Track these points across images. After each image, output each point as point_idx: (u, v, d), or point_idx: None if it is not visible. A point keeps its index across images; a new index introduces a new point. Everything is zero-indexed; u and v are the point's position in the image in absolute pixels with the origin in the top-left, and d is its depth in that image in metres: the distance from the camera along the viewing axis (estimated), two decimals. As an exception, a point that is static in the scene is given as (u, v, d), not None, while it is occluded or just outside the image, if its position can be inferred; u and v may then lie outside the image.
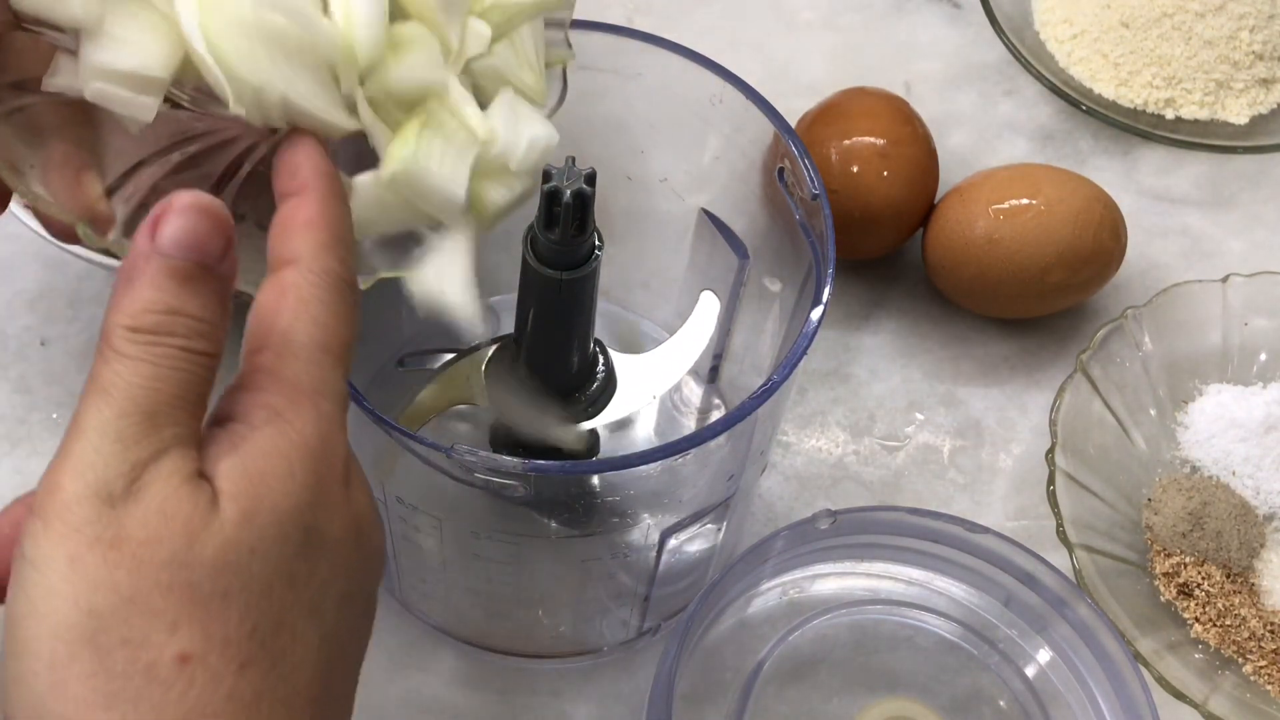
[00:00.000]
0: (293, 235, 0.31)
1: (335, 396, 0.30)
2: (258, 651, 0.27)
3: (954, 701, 0.47)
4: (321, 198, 0.32)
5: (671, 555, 0.45)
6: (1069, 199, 0.57)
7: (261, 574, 0.27)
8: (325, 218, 0.31)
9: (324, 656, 0.29)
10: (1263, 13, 0.66)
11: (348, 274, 0.31)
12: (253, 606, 0.27)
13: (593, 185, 0.37)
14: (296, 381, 0.29)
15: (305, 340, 0.30)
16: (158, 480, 0.27)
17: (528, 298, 0.42)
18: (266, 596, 0.27)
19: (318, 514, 0.29)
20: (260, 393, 0.29)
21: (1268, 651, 0.51)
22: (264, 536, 0.28)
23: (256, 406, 0.29)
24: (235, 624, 0.27)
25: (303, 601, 0.28)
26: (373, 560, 0.31)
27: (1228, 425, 0.56)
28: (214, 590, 0.27)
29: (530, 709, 0.50)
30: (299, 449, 0.29)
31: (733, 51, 0.50)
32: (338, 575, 0.29)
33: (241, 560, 0.27)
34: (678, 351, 0.48)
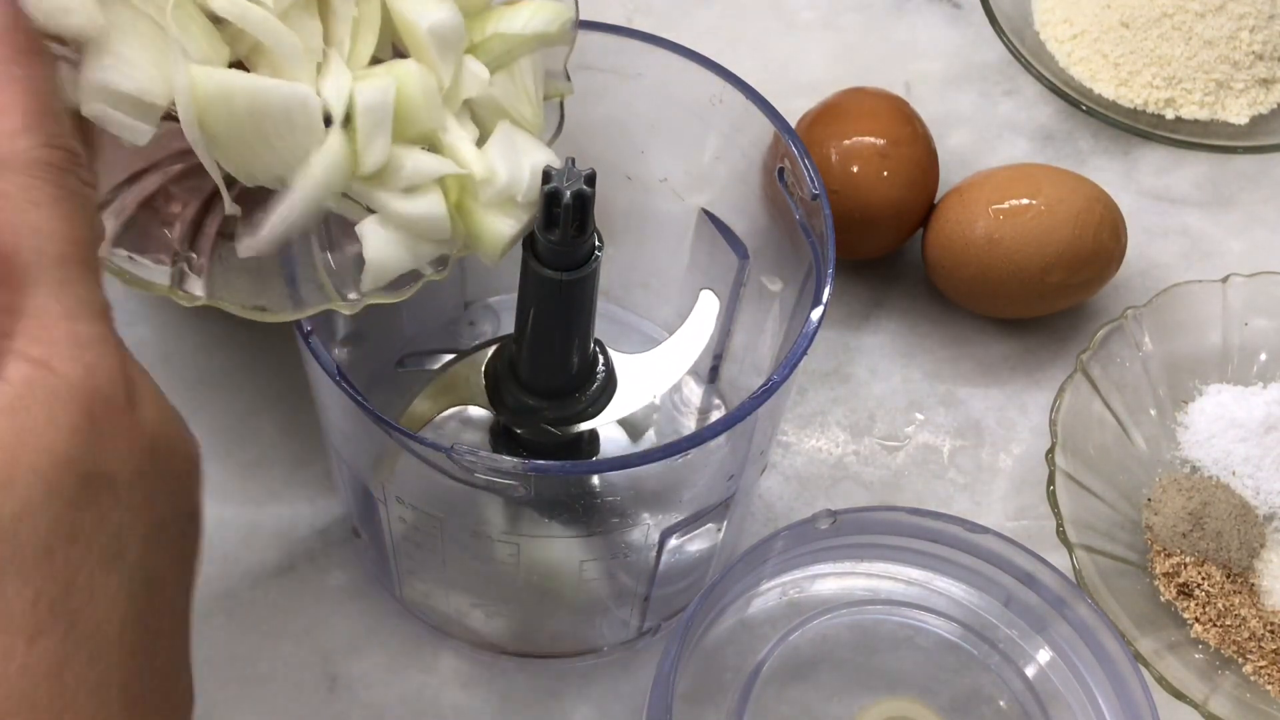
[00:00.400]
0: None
1: (90, 310, 0.27)
2: (47, 618, 0.25)
3: (954, 701, 0.47)
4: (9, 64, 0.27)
5: (671, 555, 0.45)
6: (1069, 199, 0.57)
7: (33, 539, 0.25)
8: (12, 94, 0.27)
9: (135, 601, 0.27)
10: (1263, 13, 0.66)
11: (64, 157, 0.27)
12: (31, 573, 0.25)
13: (593, 186, 0.37)
14: (42, 313, 0.27)
15: (34, 258, 0.27)
16: None
17: (528, 299, 0.42)
18: (46, 561, 0.26)
19: (96, 455, 0.26)
20: (8, 338, 0.26)
21: (1268, 651, 0.51)
22: (29, 500, 0.25)
23: (7, 356, 0.26)
24: (13, 596, 0.25)
25: (94, 554, 0.26)
26: (179, 479, 0.29)
27: (1228, 425, 0.56)
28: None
29: (530, 709, 0.50)
30: (59, 393, 0.26)
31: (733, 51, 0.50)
32: (137, 510, 0.27)
33: (5, 530, 0.25)
34: (677, 351, 0.48)
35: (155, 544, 0.28)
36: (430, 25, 0.35)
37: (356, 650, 0.51)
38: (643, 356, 0.48)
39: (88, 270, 0.27)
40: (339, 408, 0.40)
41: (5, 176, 0.27)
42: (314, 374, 0.40)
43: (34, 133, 0.27)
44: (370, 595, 0.52)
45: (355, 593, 0.52)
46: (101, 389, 0.27)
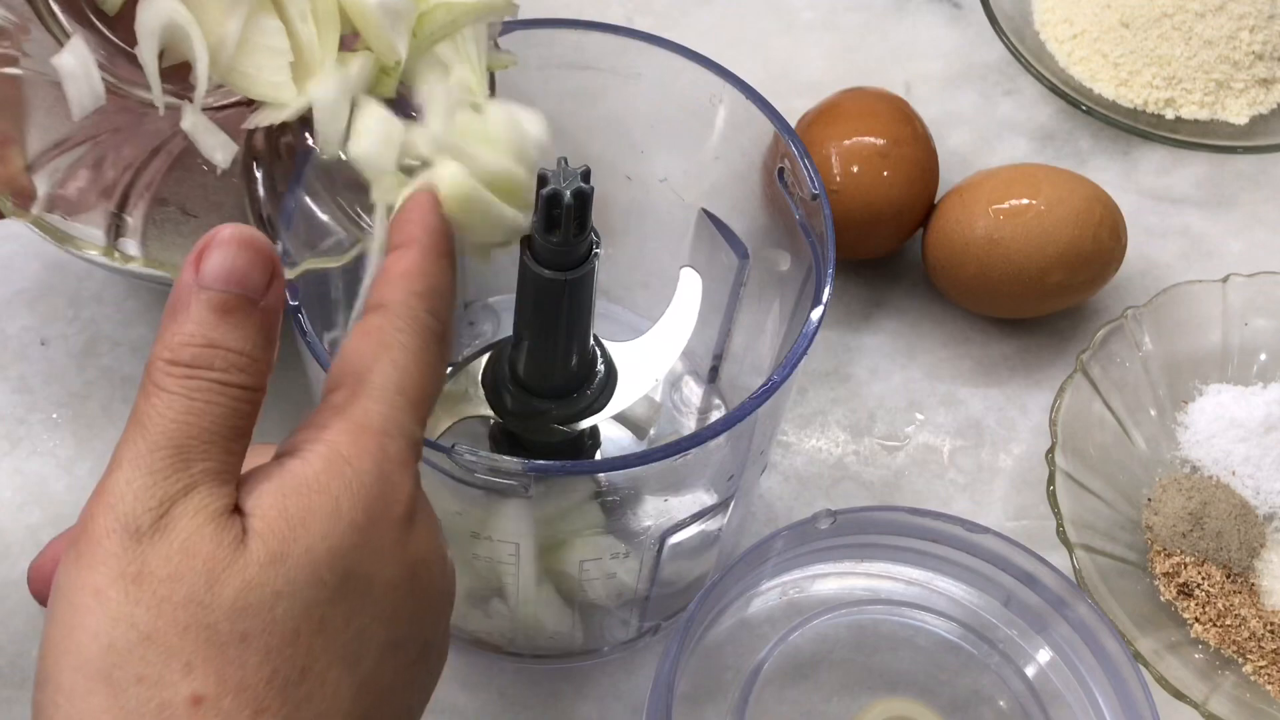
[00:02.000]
0: (387, 283, 0.31)
1: (405, 438, 0.29)
2: (275, 699, 0.26)
3: (954, 701, 0.47)
4: (424, 252, 0.32)
5: (671, 555, 0.45)
6: (1069, 199, 0.57)
7: (286, 618, 0.27)
8: (423, 270, 0.31)
9: (359, 705, 0.28)
10: (1263, 13, 0.66)
11: (438, 326, 0.31)
12: (274, 651, 0.26)
13: (589, 182, 0.37)
14: (364, 420, 0.29)
15: (381, 381, 0.30)
16: (185, 516, 0.27)
17: (527, 301, 0.42)
18: (291, 642, 0.27)
19: (363, 558, 0.28)
20: (323, 430, 0.29)
21: (1268, 651, 0.51)
22: (293, 579, 0.27)
23: (316, 443, 0.29)
24: (253, 669, 0.26)
25: (335, 648, 0.27)
26: (430, 607, 0.30)
27: (1228, 425, 0.56)
28: (232, 632, 0.26)
29: (530, 709, 0.50)
30: (350, 488, 0.28)
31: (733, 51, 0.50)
32: (382, 622, 0.28)
33: (264, 602, 0.26)
34: (669, 332, 0.48)
35: (392, 658, 0.29)
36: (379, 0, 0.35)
37: (356, 650, 0.51)
38: (635, 343, 0.48)
39: (416, 409, 0.30)
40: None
41: (388, 317, 0.30)
42: (314, 374, 0.40)
43: (425, 299, 0.31)
44: (370, 595, 0.52)
45: (355, 593, 0.52)
46: (388, 499, 0.29)
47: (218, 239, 0.29)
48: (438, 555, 0.31)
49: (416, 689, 0.30)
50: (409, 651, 0.29)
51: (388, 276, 0.31)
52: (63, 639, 0.26)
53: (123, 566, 0.26)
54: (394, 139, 0.35)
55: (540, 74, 0.46)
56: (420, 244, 0.32)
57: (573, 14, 0.48)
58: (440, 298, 0.31)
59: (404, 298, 0.31)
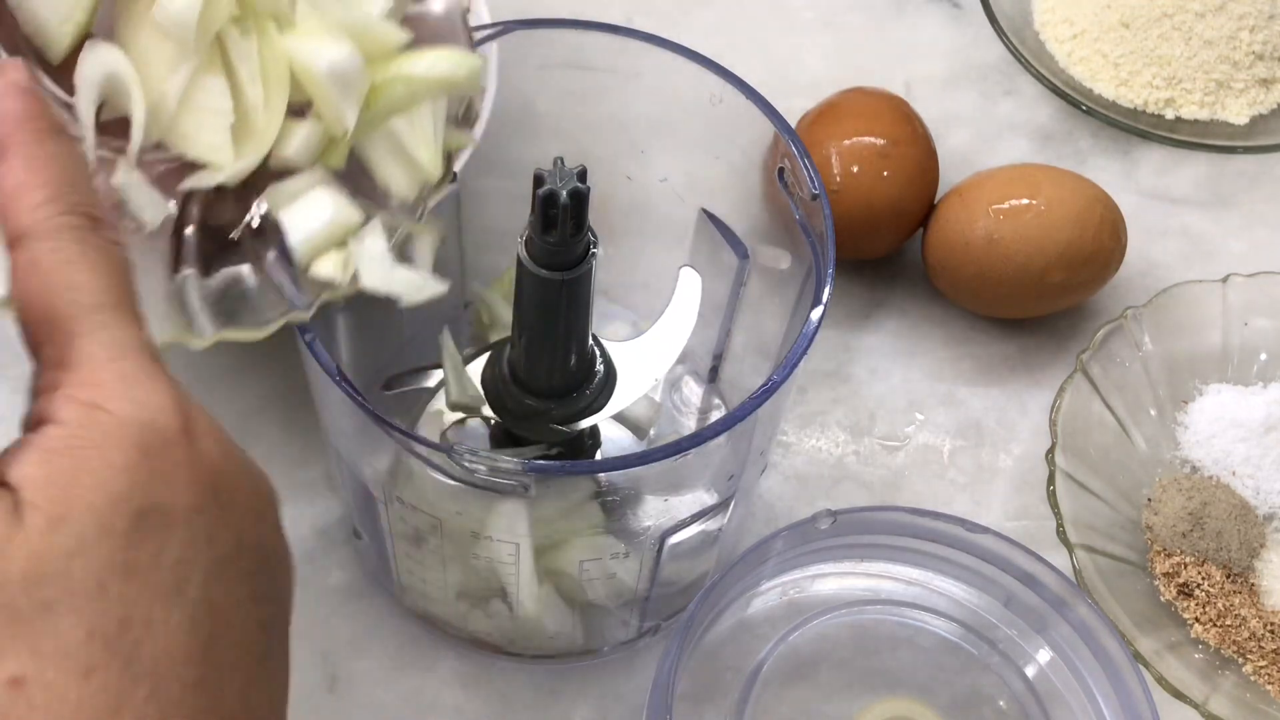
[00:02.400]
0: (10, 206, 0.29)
1: (133, 349, 0.28)
2: (101, 655, 0.25)
3: (954, 701, 0.47)
4: (25, 149, 0.29)
5: (671, 555, 0.45)
6: (1069, 199, 0.57)
7: (86, 575, 0.26)
8: (34, 171, 0.29)
9: (198, 635, 0.27)
10: (1263, 13, 0.66)
11: (84, 220, 0.29)
12: (84, 610, 0.26)
13: (585, 182, 0.37)
14: (87, 359, 0.27)
15: (73, 311, 0.28)
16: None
17: (525, 302, 0.42)
18: (99, 597, 0.26)
19: (151, 490, 0.27)
20: (60, 387, 0.27)
21: (1268, 651, 0.51)
22: (82, 536, 0.26)
23: (60, 401, 0.27)
24: (68, 633, 0.25)
25: (151, 588, 0.26)
26: (246, 512, 0.29)
27: (1228, 425, 0.56)
28: (33, 605, 0.25)
29: (530, 709, 0.50)
30: (110, 429, 0.27)
31: (733, 51, 0.50)
32: (198, 545, 0.27)
33: (58, 568, 0.26)
34: (668, 331, 0.48)
35: (219, 578, 0.28)
36: (329, 65, 0.35)
37: (356, 650, 0.51)
38: (635, 343, 0.48)
39: (124, 314, 0.28)
40: (339, 408, 0.40)
41: (33, 245, 0.28)
42: (314, 374, 0.40)
43: (55, 203, 0.29)
44: (370, 595, 0.52)
45: (355, 593, 0.52)
46: (154, 423, 0.27)
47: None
48: (234, 458, 0.29)
49: (259, 597, 0.29)
50: (239, 564, 0.28)
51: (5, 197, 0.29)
52: None
53: None
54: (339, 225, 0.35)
55: (540, 74, 0.46)
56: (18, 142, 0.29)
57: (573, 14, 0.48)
58: (71, 187, 0.29)
59: (34, 214, 0.28)
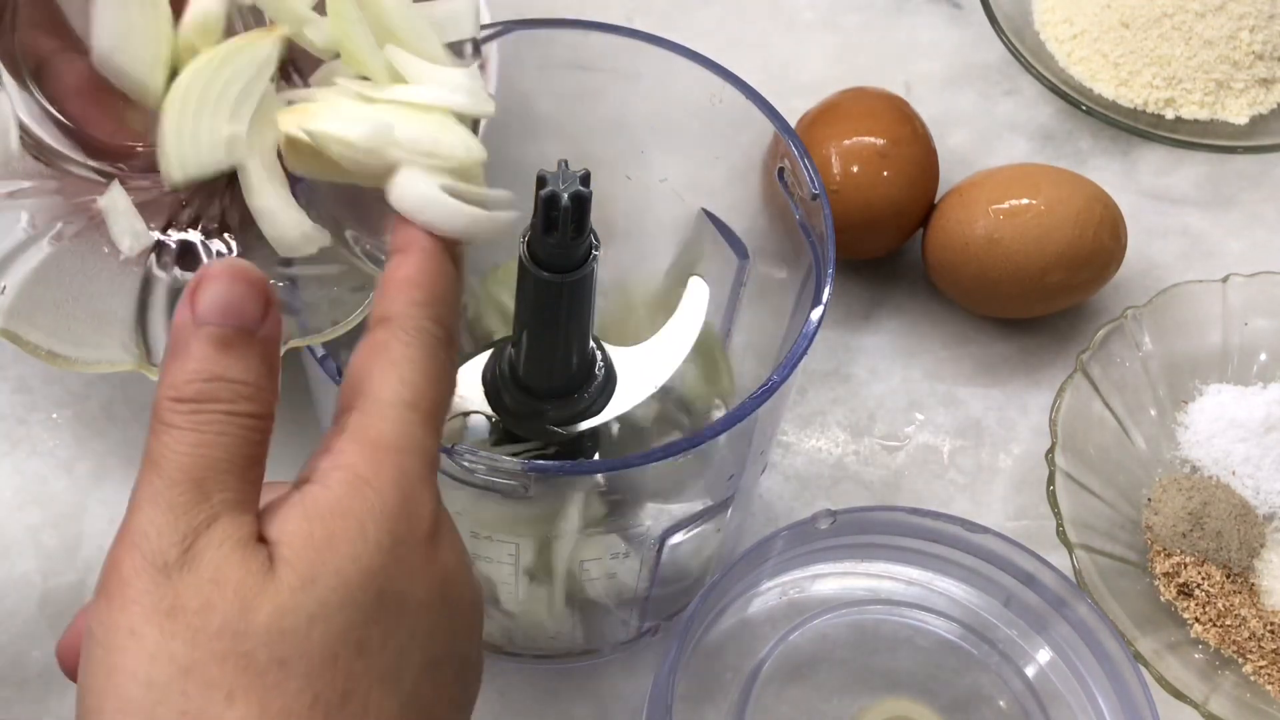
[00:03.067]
0: (390, 293, 0.31)
1: (421, 453, 0.29)
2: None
3: (954, 701, 0.47)
4: (425, 254, 0.31)
5: (671, 555, 0.45)
6: (1069, 199, 0.57)
7: (323, 641, 0.27)
8: (425, 275, 0.31)
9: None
10: (1263, 13, 0.66)
11: (442, 333, 0.31)
12: (314, 675, 0.26)
13: (588, 185, 0.37)
14: (379, 440, 0.29)
15: (391, 398, 0.29)
16: (210, 547, 0.27)
17: (527, 303, 0.42)
18: (330, 666, 0.27)
19: (394, 577, 0.28)
20: (340, 454, 0.29)
21: (1268, 651, 0.51)
22: (326, 602, 0.27)
23: (335, 468, 0.29)
24: (294, 694, 0.26)
25: (376, 669, 0.27)
26: (463, 622, 0.30)
27: (1228, 425, 0.56)
28: (270, 659, 0.26)
29: (530, 709, 0.50)
30: (374, 509, 0.28)
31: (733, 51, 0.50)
32: (420, 640, 0.28)
33: (300, 627, 0.26)
34: (673, 340, 0.48)
35: (431, 677, 0.29)
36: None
37: (356, 650, 0.51)
38: (639, 348, 0.48)
39: (429, 422, 0.30)
40: (339, 408, 0.40)
41: (394, 331, 0.30)
42: (314, 375, 0.40)
43: (428, 307, 0.30)
44: (370, 595, 0.52)
45: (355, 593, 0.52)
46: (412, 517, 0.28)
47: (210, 274, 0.28)
48: (465, 569, 0.30)
49: (457, 707, 0.30)
50: (447, 669, 0.29)
51: (387, 285, 0.31)
52: (102, 682, 0.26)
53: (155, 603, 0.26)
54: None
55: (540, 74, 0.46)
56: (420, 247, 0.31)
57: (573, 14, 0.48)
58: (443, 303, 0.31)
59: (404, 308, 0.30)
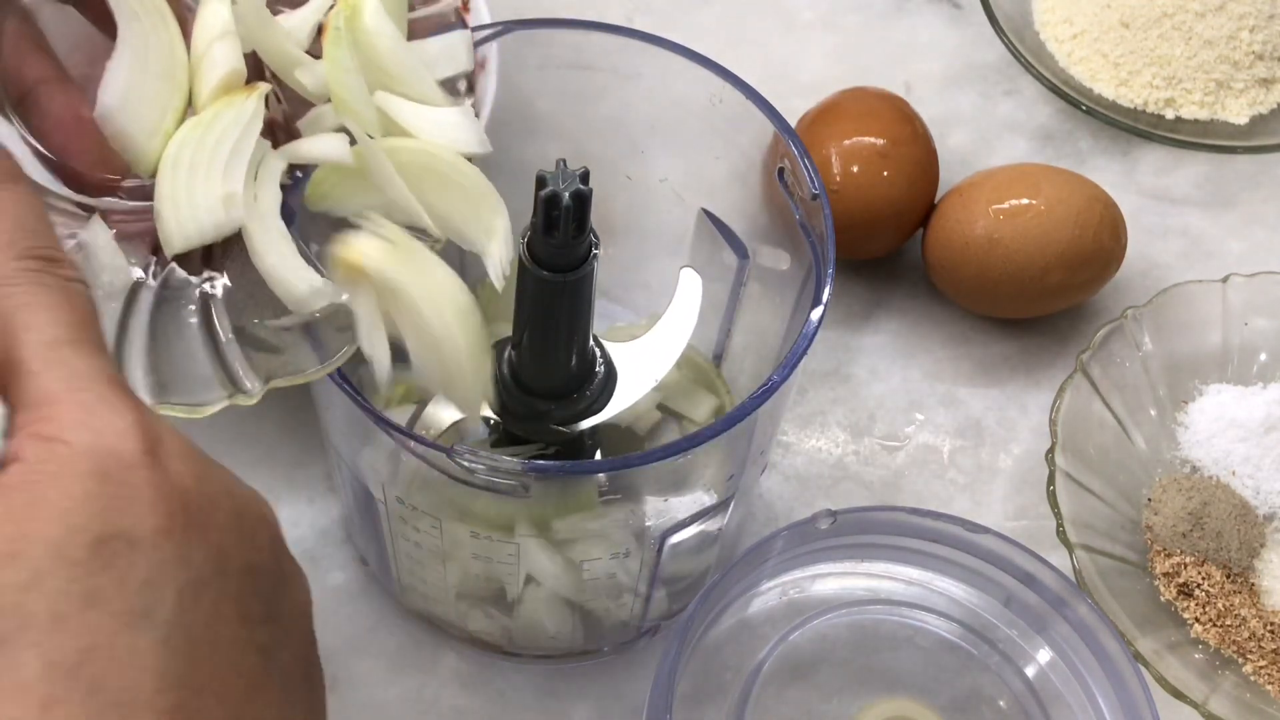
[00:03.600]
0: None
1: (93, 379, 0.28)
2: (62, 686, 0.25)
3: (954, 701, 0.47)
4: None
5: (671, 555, 0.45)
6: (1069, 199, 0.57)
7: (41, 607, 0.25)
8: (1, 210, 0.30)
9: (173, 660, 0.26)
10: (1263, 13, 0.66)
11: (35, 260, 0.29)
12: (41, 643, 0.25)
13: (588, 184, 0.37)
14: (46, 394, 0.28)
15: (30, 350, 0.28)
16: None
17: (527, 303, 0.42)
18: (57, 628, 0.25)
19: (111, 517, 0.27)
20: (22, 428, 0.28)
21: (1268, 651, 0.51)
22: (36, 569, 0.26)
23: (23, 439, 0.27)
24: (24, 667, 0.25)
25: (116, 614, 0.26)
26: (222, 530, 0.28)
27: (1228, 425, 0.56)
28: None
29: (530, 709, 0.50)
30: (68, 462, 0.27)
31: (733, 51, 0.50)
32: (171, 567, 0.27)
33: (11, 602, 0.25)
34: (669, 333, 0.48)
35: (196, 601, 0.27)
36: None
37: (356, 650, 0.51)
38: (635, 344, 0.48)
39: (83, 347, 0.28)
40: (339, 408, 0.40)
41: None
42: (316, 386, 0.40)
43: (10, 248, 0.29)
44: (370, 595, 0.52)
45: (355, 593, 0.52)
46: (114, 449, 0.27)
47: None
48: (209, 481, 0.29)
49: (261, 622, 0.29)
50: (223, 586, 0.28)
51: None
52: None
53: None
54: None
55: (540, 74, 0.46)
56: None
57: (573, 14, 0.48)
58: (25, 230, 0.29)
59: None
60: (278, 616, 0.29)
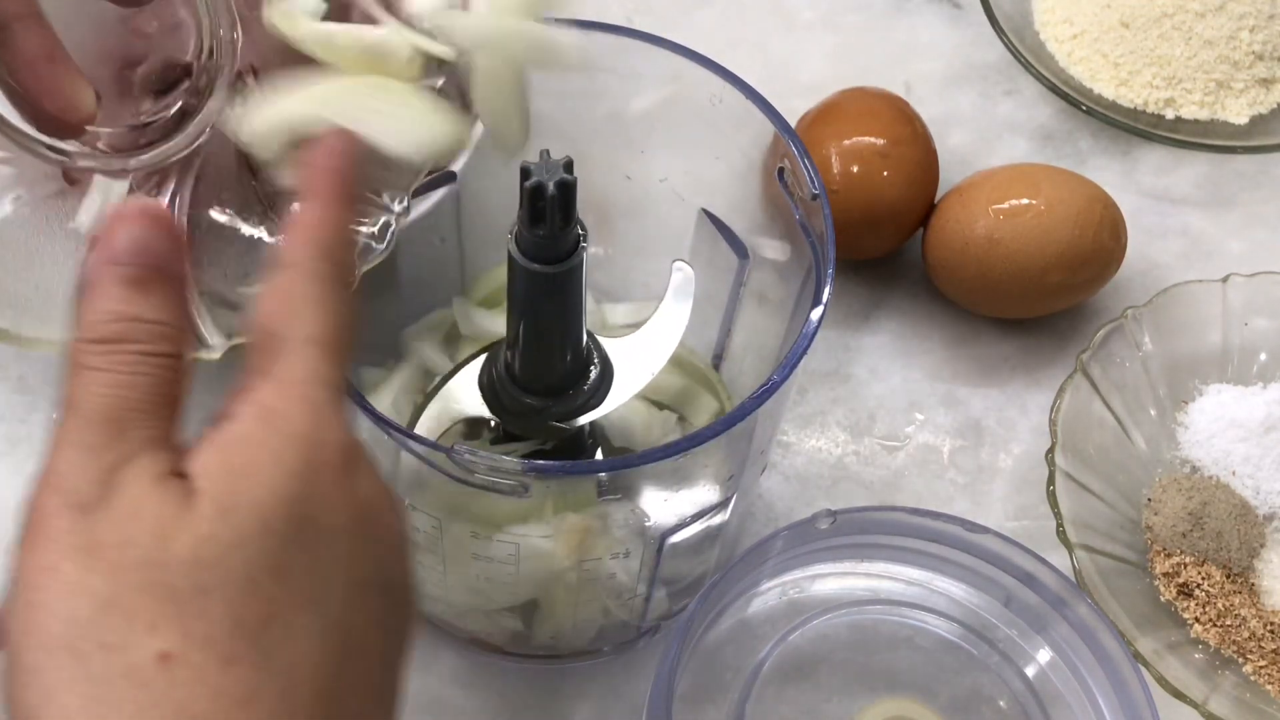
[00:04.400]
0: (290, 239, 0.32)
1: (327, 385, 0.30)
2: (244, 647, 0.26)
3: (954, 701, 0.47)
4: (323, 201, 0.32)
5: (671, 555, 0.45)
6: (1069, 199, 0.57)
7: (242, 568, 0.27)
8: (325, 221, 0.32)
9: (330, 650, 0.28)
10: (1263, 13, 0.66)
11: (337, 272, 0.32)
12: (235, 601, 0.27)
13: (572, 172, 0.37)
14: (286, 375, 0.30)
15: (295, 336, 0.30)
16: (128, 484, 0.27)
17: (518, 299, 0.42)
18: (251, 591, 0.27)
19: (311, 503, 0.28)
20: (251, 391, 0.29)
21: (1268, 651, 0.51)
22: (244, 530, 0.27)
23: (246, 404, 0.29)
24: (216, 620, 0.26)
25: (297, 594, 0.27)
26: (387, 547, 0.31)
27: (1228, 425, 0.56)
28: (190, 587, 0.26)
29: (530, 709, 0.50)
30: (286, 439, 0.28)
31: (733, 51, 0.50)
32: (342, 565, 0.29)
33: (218, 555, 0.27)
34: (663, 326, 0.48)
35: (356, 601, 0.29)
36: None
37: (356, 650, 0.50)
38: (630, 339, 0.47)
39: (331, 354, 0.30)
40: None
41: (292, 274, 0.31)
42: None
43: (326, 251, 0.31)
44: (370, 595, 0.52)
45: (355, 593, 0.52)
46: (325, 444, 0.29)
47: (122, 214, 0.29)
48: (385, 497, 0.31)
49: (387, 631, 0.30)
50: (373, 593, 0.30)
51: (292, 230, 0.32)
52: (23, 621, 0.26)
53: (73, 540, 0.26)
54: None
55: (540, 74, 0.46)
56: (320, 193, 0.32)
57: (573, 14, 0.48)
58: (339, 245, 0.32)
59: (305, 252, 0.31)
60: (400, 630, 0.31)
